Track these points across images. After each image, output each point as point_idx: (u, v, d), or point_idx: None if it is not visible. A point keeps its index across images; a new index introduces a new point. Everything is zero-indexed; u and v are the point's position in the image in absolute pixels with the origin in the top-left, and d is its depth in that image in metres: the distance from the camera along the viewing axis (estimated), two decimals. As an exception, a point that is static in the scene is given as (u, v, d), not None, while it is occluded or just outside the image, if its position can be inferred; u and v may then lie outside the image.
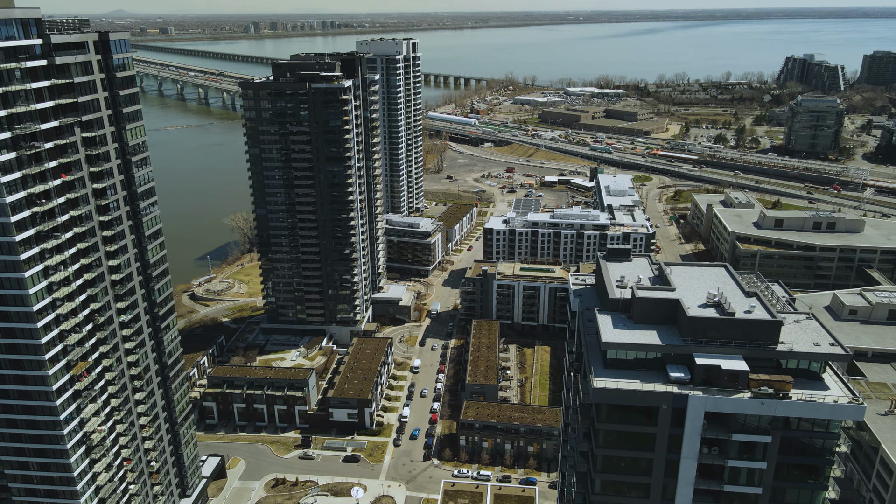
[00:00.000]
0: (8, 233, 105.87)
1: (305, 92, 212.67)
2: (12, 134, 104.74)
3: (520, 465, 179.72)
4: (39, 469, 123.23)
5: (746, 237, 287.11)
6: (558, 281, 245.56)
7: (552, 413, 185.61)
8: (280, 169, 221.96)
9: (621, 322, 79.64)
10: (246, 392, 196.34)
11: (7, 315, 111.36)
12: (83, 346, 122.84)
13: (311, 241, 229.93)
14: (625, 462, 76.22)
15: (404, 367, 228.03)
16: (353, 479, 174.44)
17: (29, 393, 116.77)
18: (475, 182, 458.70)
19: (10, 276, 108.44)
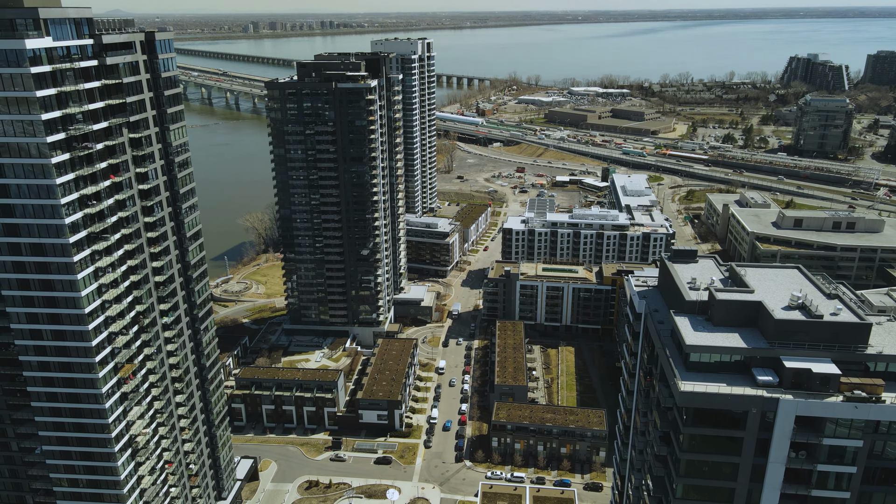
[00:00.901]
0: (62, 234, 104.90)
1: (331, 92, 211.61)
2: (66, 135, 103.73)
3: (552, 467, 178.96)
4: (85, 473, 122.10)
5: (766, 237, 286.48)
6: (581, 281, 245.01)
7: (584, 414, 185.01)
8: (304, 169, 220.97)
9: (700, 325, 78.95)
10: (275, 394, 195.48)
11: (58, 317, 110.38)
12: (129, 348, 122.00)
13: (335, 241, 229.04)
14: (708, 466, 75.59)
15: (429, 368, 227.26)
16: (386, 481, 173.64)
17: (77, 396, 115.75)
18: (486, 182, 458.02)
19: (62, 278, 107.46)
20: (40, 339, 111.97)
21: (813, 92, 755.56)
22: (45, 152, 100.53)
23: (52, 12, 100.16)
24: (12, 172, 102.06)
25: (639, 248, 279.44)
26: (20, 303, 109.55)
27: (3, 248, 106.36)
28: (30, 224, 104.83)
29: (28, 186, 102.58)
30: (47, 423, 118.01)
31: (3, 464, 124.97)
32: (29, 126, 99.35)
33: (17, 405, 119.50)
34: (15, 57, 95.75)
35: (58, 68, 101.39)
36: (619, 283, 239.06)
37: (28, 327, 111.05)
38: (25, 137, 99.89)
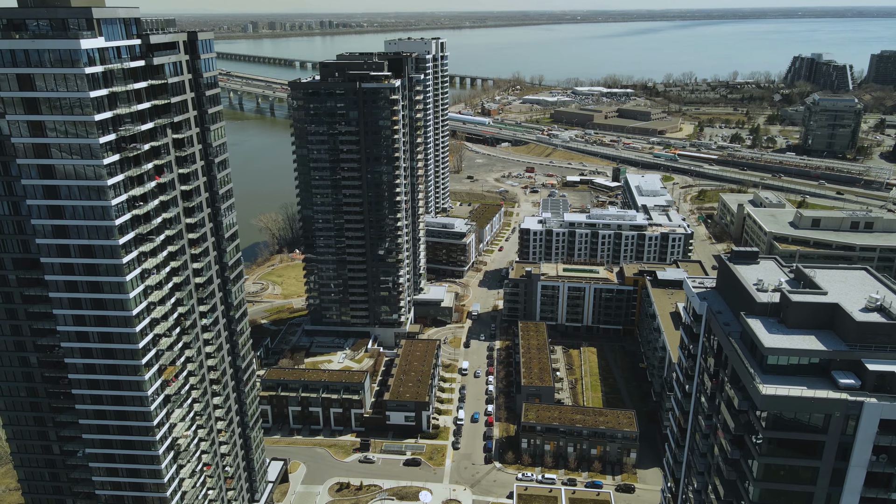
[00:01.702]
0: (111, 236, 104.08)
1: (355, 92, 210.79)
2: (117, 136, 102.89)
3: (583, 468, 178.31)
4: (129, 476, 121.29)
5: (784, 237, 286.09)
6: (603, 282, 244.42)
7: (613, 415, 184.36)
8: (328, 170, 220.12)
9: (773, 327, 78.34)
10: (301, 395, 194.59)
11: (105, 320, 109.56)
12: (172, 350, 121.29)
13: (358, 242, 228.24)
14: (785, 470, 74.95)
15: (452, 369, 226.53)
16: (417, 483, 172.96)
17: (123, 398, 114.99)
18: (496, 182, 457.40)
19: (110, 280, 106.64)
20: (86, 342, 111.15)
21: (817, 92, 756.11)
22: (98, 154, 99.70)
23: (104, 12, 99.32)
24: (63, 174, 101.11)
25: (657, 249, 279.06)
26: (67, 305, 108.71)
27: (51, 249, 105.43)
28: (79, 225, 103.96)
29: (79, 188, 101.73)
30: (91, 425, 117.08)
31: (44, 467, 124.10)
32: (81, 127, 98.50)
33: (60, 408, 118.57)
34: (69, 57, 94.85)
35: (109, 69, 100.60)
36: (641, 283, 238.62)
37: (74, 329, 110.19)
38: (77, 139, 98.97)
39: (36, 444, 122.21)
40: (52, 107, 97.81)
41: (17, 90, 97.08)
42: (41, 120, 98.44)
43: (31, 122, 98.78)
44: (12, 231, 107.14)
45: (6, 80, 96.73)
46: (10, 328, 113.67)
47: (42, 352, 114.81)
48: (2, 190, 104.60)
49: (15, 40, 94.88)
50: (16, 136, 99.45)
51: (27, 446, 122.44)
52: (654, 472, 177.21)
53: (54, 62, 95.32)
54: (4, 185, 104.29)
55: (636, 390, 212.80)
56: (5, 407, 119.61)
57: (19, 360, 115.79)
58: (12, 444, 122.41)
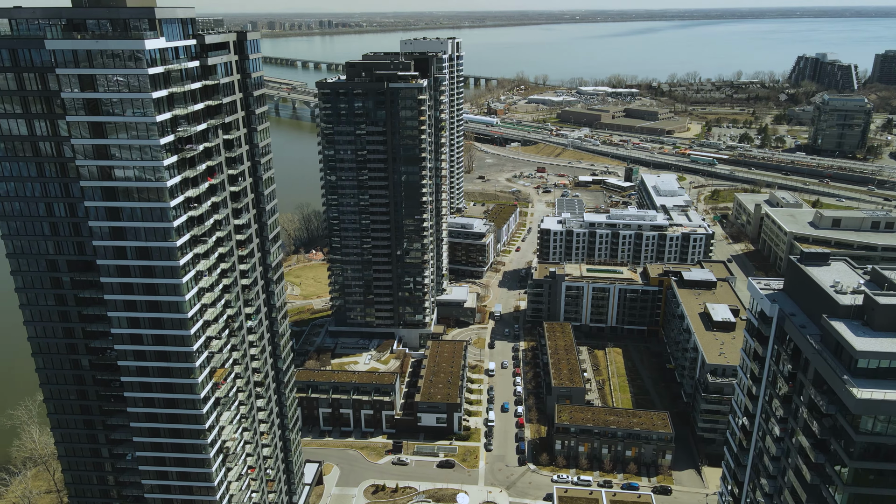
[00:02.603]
0: (168, 238, 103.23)
1: (383, 92, 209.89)
2: (175, 137, 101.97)
3: (618, 470, 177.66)
4: (178, 479, 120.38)
5: (804, 237, 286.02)
6: (627, 282, 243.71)
7: (647, 417, 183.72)
8: (354, 170, 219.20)
9: (859, 329, 77.68)
10: (332, 397, 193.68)
11: (160, 322, 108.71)
12: (221, 352, 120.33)
13: (383, 242, 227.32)
14: (875, 475, 74.33)
15: (478, 370, 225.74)
16: (453, 486, 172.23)
17: (175, 401, 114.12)
18: (508, 182, 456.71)
19: (166, 282, 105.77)
20: (140, 344, 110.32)
21: (822, 91, 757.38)
22: (158, 155, 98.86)
23: (165, 12, 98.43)
24: (122, 175, 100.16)
25: (678, 249, 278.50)
26: (122, 307, 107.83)
27: (108, 251, 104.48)
28: (136, 227, 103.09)
29: (137, 189, 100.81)
30: (143, 428, 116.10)
31: (93, 470, 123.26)
32: (142, 128, 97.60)
33: (110, 411, 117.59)
34: (132, 57, 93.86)
35: (169, 69, 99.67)
36: (667, 283, 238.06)
37: (128, 332, 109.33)
38: (138, 140, 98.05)
39: (84, 448, 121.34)
40: (113, 108, 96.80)
41: (78, 91, 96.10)
42: (101, 121, 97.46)
43: (91, 124, 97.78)
44: (68, 233, 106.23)
45: (68, 81, 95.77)
46: (63, 331, 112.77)
47: (94, 354, 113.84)
48: (59, 191, 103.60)
49: (77, 40, 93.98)
50: (76, 138, 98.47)
51: (75, 449, 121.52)
52: (689, 474, 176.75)
53: (117, 62, 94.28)
54: (62, 186, 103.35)
55: (665, 391, 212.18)
56: (55, 410, 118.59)
57: (71, 362, 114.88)
58: (60, 447, 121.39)
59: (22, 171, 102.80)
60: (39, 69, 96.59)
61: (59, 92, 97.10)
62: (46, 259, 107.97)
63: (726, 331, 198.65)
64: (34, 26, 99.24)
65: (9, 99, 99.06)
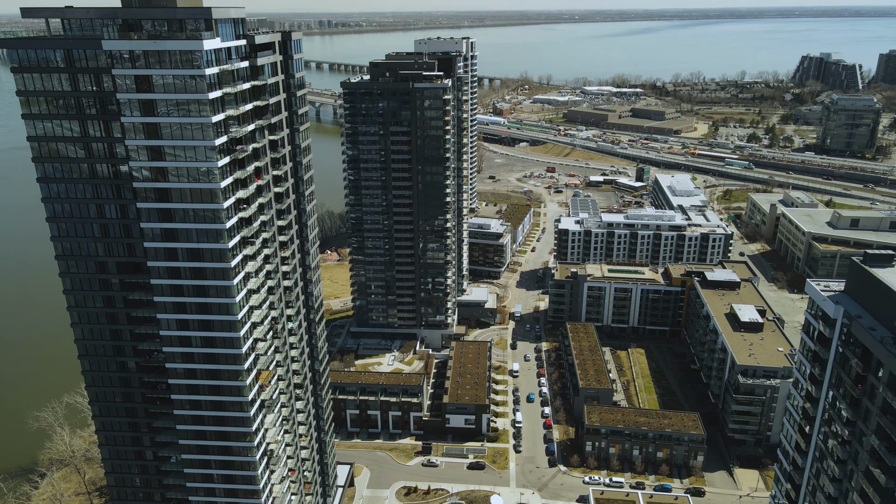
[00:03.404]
0: (221, 239, 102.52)
1: (408, 92, 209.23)
2: (227, 138, 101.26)
3: (649, 472, 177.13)
4: (223, 482, 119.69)
5: (823, 237, 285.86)
6: (650, 283, 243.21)
7: (678, 418, 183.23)
8: (378, 170, 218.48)
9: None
10: (359, 398, 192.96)
11: (209, 324, 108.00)
12: (266, 354, 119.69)
13: (407, 243, 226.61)
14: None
15: (502, 371, 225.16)
16: (485, 487, 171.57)
17: (222, 404, 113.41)
18: (518, 182, 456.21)
19: (217, 283, 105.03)
20: (189, 346, 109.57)
21: (827, 91, 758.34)
22: (212, 156, 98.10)
23: (219, 12, 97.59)
24: (176, 176, 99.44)
25: (696, 249, 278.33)
26: (171, 309, 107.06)
27: (159, 253, 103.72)
28: (188, 229, 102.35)
29: (191, 191, 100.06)
30: (189, 431, 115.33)
31: (137, 473, 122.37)
32: (197, 129, 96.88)
33: (156, 413, 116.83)
34: (189, 58, 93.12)
35: (224, 70, 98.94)
36: (689, 284, 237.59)
37: (177, 334, 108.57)
38: (193, 140, 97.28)
39: (129, 450, 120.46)
40: (168, 108, 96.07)
41: (134, 91, 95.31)
42: (156, 122, 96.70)
43: (146, 125, 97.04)
44: (119, 234, 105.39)
45: (124, 81, 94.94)
46: (111, 333, 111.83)
47: (141, 356, 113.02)
48: (111, 193, 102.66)
49: (135, 41, 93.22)
50: (130, 139, 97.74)
51: (120, 452, 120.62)
52: (720, 476, 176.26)
53: (174, 63, 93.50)
54: (113, 188, 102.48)
55: (691, 392, 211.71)
56: (100, 413, 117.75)
57: (117, 364, 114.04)
58: (104, 449, 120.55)
59: (73, 173, 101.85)
60: (94, 70, 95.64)
61: (113, 93, 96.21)
62: (96, 261, 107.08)
63: (754, 331, 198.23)
64: (86, 26, 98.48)
65: (62, 100, 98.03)
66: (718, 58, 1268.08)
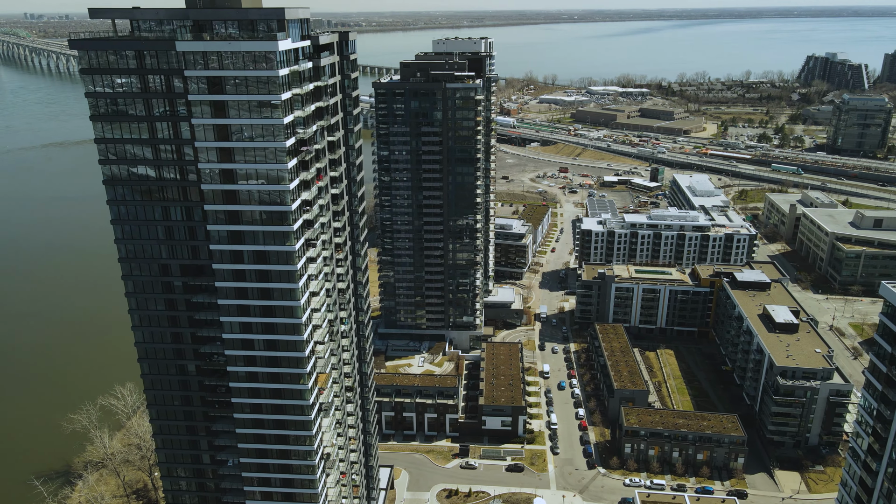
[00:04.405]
0: (287, 241, 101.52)
1: (440, 92, 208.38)
2: (295, 139, 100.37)
3: (689, 474, 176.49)
4: (281, 486, 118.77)
5: (847, 238, 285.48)
6: (678, 283, 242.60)
7: (717, 419, 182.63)
8: (409, 171, 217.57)
9: None
10: (395, 400, 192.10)
11: (273, 327, 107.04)
12: (324, 358, 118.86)
13: (436, 244, 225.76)
14: None
15: (532, 372, 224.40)
16: (526, 490, 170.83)
17: (283, 407, 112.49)
18: (532, 182, 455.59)
19: (283, 286, 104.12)
20: (251, 350, 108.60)
21: (833, 91, 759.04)
22: (283, 158, 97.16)
23: (290, 13, 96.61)
24: (244, 178, 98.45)
25: (720, 250, 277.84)
26: (235, 312, 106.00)
27: (225, 255, 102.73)
28: (255, 231, 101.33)
29: (259, 192, 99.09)
30: (248, 435, 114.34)
31: (193, 476, 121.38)
32: (268, 130, 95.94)
33: (214, 417, 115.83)
34: (264, 59, 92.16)
35: (293, 70, 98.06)
36: (718, 285, 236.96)
37: (240, 337, 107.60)
38: (264, 142, 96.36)
39: (185, 454, 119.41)
40: (240, 109, 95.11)
41: (206, 93, 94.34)
42: (227, 123, 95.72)
43: (216, 127, 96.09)
44: (184, 237, 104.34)
45: (196, 83, 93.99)
46: (171, 335, 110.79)
47: (201, 360, 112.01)
48: (177, 194, 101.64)
49: (209, 42, 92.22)
50: (199, 141, 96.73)
51: (176, 455, 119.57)
52: (761, 478, 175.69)
53: (248, 64, 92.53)
54: (180, 189, 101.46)
55: (724, 393, 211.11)
56: (157, 416, 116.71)
57: (177, 367, 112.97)
58: (161, 453, 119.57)
59: (140, 176, 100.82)
60: (166, 71, 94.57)
61: (184, 94, 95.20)
62: (160, 263, 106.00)
63: (789, 332, 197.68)
64: (155, 27, 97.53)
65: (132, 101, 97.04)
66: (721, 58, 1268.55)
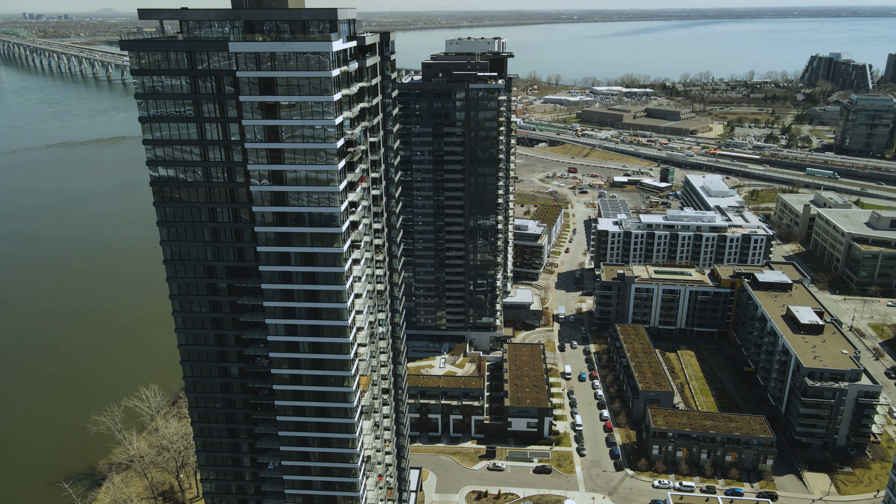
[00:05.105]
0: (336, 243, 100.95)
1: (463, 93, 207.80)
2: (344, 140, 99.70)
3: (718, 476, 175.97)
4: (323, 488, 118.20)
5: (863, 238, 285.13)
6: (698, 284, 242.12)
7: (744, 421, 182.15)
8: (430, 171, 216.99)
9: None
10: (420, 402, 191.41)
11: (318, 329, 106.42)
12: (366, 360, 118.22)
13: (457, 245, 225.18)
14: None
15: (554, 374, 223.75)
16: (556, 492, 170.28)
17: (327, 410, 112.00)
18: (542, 182, 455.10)
19: (329, 288, 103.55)
20: (296, 352, 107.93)
21: (838, 91, 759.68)
22: (333, 159, 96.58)
23: (343, 13, 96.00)
24: (294, 180, 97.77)
25: (737, 250, 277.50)
26: (281, 314, 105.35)
27: (272, 257, 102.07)
28: (303, 233, 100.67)
29: (308, 194, 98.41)
30: (290, 437, 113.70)
31: (233, 479, 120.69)
32: (320, 131, 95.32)
33: (256, 419, 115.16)
34: (317, 60, 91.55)
35: (343, 71, 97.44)
36: (738, 285, 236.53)
37: (285, 339, 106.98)
38: (314, 143, 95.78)
39: (226, 456, 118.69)
40: (291, 111, 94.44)
41: (257, 93, 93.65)
42: (278, 124, 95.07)
43: (267, 128, 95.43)
44: (230, 238, 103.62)
45: (247, 84, 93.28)
46: (215, 338, 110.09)
47: (244, 362, 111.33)
48: (225, 196, 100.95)
49: (262, 43, 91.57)
50: (250, 142, 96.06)
51: (217, 458, 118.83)
52: (790, 479, 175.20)
53: (300, 65, 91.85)
54: (227, 191, 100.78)
55: (748, 395, 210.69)
56: (199, 419, 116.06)
57: (220, 370, 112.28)
58: (201, 456, 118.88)
59: (188, 177, 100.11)
60: (216, 72, 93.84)
61: (234, 95, 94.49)
62: (205, 265, 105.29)
63: (814, 333, 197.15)
64: (204, 28, 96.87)
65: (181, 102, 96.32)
66: (723, 58, 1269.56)
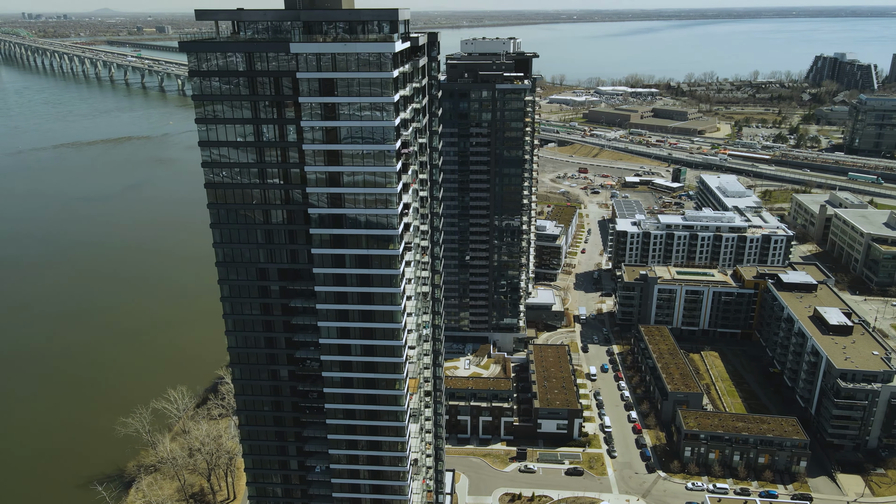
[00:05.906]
0: (391, 245, 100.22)
1: (490, 93, 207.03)
2: (400, 141, 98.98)
3: (751, 478, 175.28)
4: (371, 492, 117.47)
5: (883, 238, 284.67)
6: (721, 285, 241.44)
7: (776, 422, 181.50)
8: (456, 172, 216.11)
9: None
10: (449, 403, 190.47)
11: (371, 332, 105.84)
12: (414, 363, 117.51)
13: (482, 245, 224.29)
14: None
15: (579, 375, 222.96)
16: (590, 494, 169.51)
17: (377, 413, 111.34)
18: (553, 183, 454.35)
19: (384, 291, 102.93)
20: (348, 355, 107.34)
21: (843, 91, 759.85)
22: (391, 161, 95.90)
23: (403, 14, 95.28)
24: (352, 182, 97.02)
25: (757, 251, 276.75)
26: (333, 317, 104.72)
27: (326, 259, 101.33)
28: (358, 235, 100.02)
29: (365, 196, 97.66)
30: (340, 441, 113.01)
31: (280, 483, 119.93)
32: (379, 132, 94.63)
33: (305, 423, 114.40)
34: (378, 60, 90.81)
35: (401, 72, 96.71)
36: (762, 286, 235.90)
37: (337, 342, 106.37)
38: (374, 145, 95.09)
39: (273, 460, 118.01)
40: (350, 111, 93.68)
41: (317, 94, 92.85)
42: (338, 126, 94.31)
43: (325, 129, 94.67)
44: (283, 241, 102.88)
45: (307, 84, 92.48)
46: (265, 340, 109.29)
47: (294, 365, 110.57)
48: (280, 198, 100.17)
49: (324, 44, 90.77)
50: (307, 144, 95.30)
51: (263, 461, 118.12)
52: (823, 481, 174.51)
53: (361, 66, 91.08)
54: (283, 193, 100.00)
55: (775, 396, 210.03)
56: (246, 421, 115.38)
57: (269, 373, 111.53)
58: (248, 459, 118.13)
59: (243, 179, 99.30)
60: (275, 73, 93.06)
61: (293, 96, 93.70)
62: (257, 267, 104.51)
63: (843, 335, 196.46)
64: (261, 29, 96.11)
65: (239, 104, 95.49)
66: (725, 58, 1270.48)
